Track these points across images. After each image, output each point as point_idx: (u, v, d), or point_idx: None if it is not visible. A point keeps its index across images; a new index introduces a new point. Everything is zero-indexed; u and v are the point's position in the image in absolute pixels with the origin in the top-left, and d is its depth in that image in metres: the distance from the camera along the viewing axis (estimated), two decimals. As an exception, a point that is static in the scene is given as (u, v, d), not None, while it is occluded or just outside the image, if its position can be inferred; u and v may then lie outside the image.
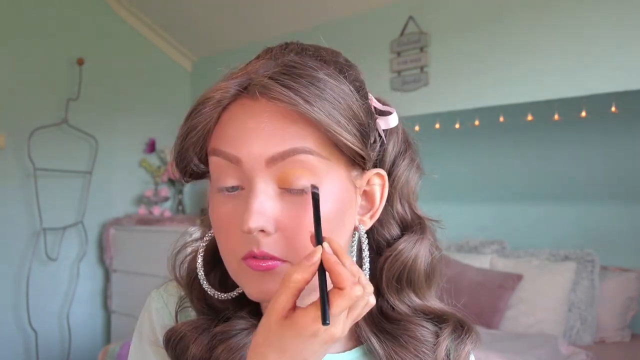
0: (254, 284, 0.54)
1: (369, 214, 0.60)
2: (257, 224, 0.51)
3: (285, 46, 0.59)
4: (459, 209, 3.06)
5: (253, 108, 0.53)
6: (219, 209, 0.55)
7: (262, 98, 0.52)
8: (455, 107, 2.61)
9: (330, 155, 0.53)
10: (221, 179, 0.54)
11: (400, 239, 0.62)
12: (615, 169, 2.75)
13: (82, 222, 3.27)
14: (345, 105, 0.52)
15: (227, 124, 0.54)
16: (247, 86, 0.53)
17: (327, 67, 0.54)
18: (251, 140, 0.52)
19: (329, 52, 0.59)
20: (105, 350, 2.55)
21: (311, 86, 0.51)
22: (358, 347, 0.64)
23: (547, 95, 2.35)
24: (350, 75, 0.57)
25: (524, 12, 2.40)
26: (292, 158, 0.51)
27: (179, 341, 0.58)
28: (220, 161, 0.54)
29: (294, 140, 0.51)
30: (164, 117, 3.70)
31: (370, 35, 2.84)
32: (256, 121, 0.52)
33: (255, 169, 0.52)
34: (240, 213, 0.52)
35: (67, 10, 3.28)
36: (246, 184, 0.53)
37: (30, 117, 3.06)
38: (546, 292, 2.59)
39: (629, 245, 2.75)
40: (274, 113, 0.52)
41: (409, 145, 0.63)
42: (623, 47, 2.16)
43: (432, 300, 0.64)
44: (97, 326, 3.43)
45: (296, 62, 0.53)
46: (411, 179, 0.62)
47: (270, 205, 0.52)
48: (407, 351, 0.60)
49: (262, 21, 3.21)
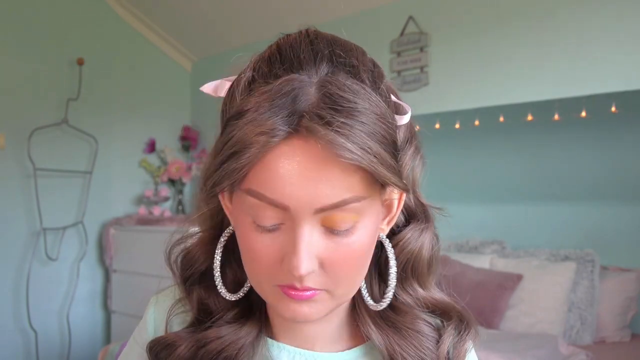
0: (289, 308, 0.54)
1: (387, 220, 0.59)
2: (307, 269, 0.50)
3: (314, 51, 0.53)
4: (459, 209, 3.06)
5: (302, 149, 0.49)
6: (256, 241, 0.53)
7: (313, 140, 0.48)
8: (455, 107, 2.61)
9: (372, 192, 0.52)
10: (259, 218, 0.52)
11: (406, 228, 0.62)
12: (615, 168, 2.75)
13: (82, 222, 3.27)
14: (386, 134, 0.50)
15: (270, 168, 0.49)
16: (297, 126, 0.49)
17: (365, 86, 0.51)
18: (300, 188, 0.49)
19: (358, 57, 0.55)
20: (105, 350, 2.55)
21: (359, 124, 0.48)
22: (360, 345, 0.64)
23: (547, 95, 2.35)
24: (381, 84, 0.55)
25: (524, 12, 2.40)
26: (341, 208, 0.50)
27: (164, 348, 0.59)
28: (262, 204, 0.51)
29: (343, 190, 0.49)
30: (164, 117, 3.70)
31: (370, 35, 2.84)
32: (304, 166, 0.49)
33: (302, 215, 0.50)
34: (282, 247, 0.51)
35: (67, 10, 3.28)
36: (288, 222, 0.51)
37: (30, 117, 3.06)
38: (546, 292, 2.59)
39: (629, 245, 2.75)
40: (325, 157, 0.49)
41: (414, 134, 0.62)
42: (623, 47, 2.16)
43: (434, 291, 0.64)
44: (97, 326, 3.43)
45: (339, 91, 0.49)
46: (416, 167, 0.61)
47: (315, 245, 0.51)
48: (409, 344, 0.60)
49: (262, 21, 3.21)
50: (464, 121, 2.81)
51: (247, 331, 0.61)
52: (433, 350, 0.61)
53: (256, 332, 0.61)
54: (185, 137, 3.75)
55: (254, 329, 0.61)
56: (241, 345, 0.60)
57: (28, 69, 3.10)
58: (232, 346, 0.59)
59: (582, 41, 2.25)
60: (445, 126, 2.83)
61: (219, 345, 0.59)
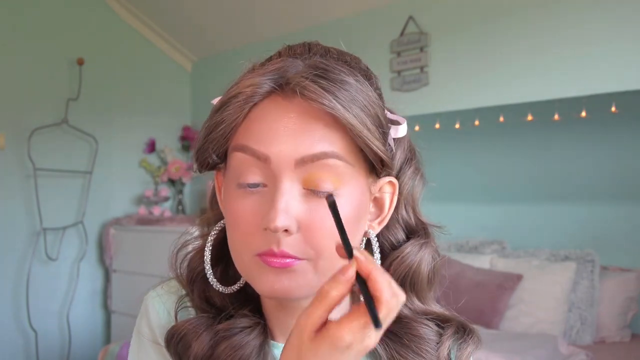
0: (268, 280, 0.54)
1: (378, 220, 0.61)
2: (283, 223, 0.51)
3: (309, 47, 0.59)
4: (459, 208, 3.06)
5: (286, 107, 0.53)
6: (237, 204, 0.55)
7: (297, 98, 0.52)
8: (455, 107, 2.61)
9: (354, 162, 0.54)
10: (244, 174, 0.54)
11: (406, 243, 0.63)
12: (615, 169, 2.75)
13: (82, 222, 3.27)
14: (373, 112, 0.53)
15: (256, 121, 0.54)
16: (282, 84, 0.53)
17: (355, 73, 0.55)
18: (282, 140, 0.52)
19: (352, 58, 0.60)
20: (105, 350, 2.55)
21: (345, 91, 0.51)
22: None
23: (547, 95, 2.35)
24: (374, 82, 0.58)
25: (524, 12, 2.40)
26: (320, 161, 0.52)
27: (181, 339, 0.59)
28: (246, 157, 0.54)
29: (324, 143, 0.52)
30: (163, 117, 3.70)
31: (370, 35, 2.84)
32: (288, 120, 0.52)
33: (282, 168, 0.52)
34: (262, 210, 0.52)
35: (67, 10, 3.28)
36: (270, 182, 0.53)
37: (30, 117, 3.06)
38: (546, 292, 2.59)
39: (629, 245, 2.75)
40: (307, 114, 0.52)
41: (414, 154, 0.64)
42: (623, 47, 2.16)
43: (433, 305, 0.65)
44: (97, 326, 3.43)
45: (328, 66, 0.53)
46: (416, 186, 0.63)
47: (294, 206, 0.52)
48: (410, 350, 0.60)
49: (262, 21, 3.21)
50: (464, 121, 2.81)
51: (258, 332, 0.60)
52: (433, 354, 0.61)
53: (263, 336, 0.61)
54: (185, 137, 3.76)
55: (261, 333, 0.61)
56: (252, 348, 0.59)
57: (28, 69, 3.10)
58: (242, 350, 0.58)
59: (582, 41, 2.25)
60: (445, 126, 2.83)
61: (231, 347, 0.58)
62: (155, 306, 0.65)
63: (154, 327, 0.63)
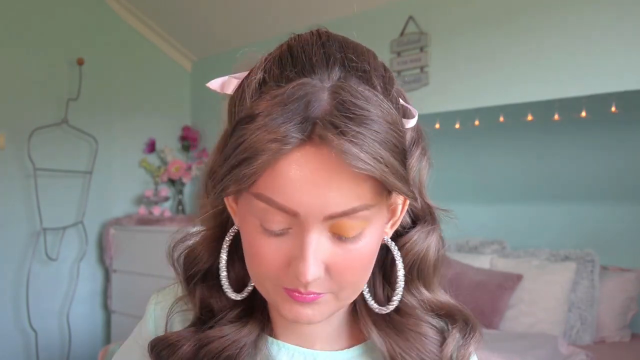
0: (292, 310, 0.54)
1: (390, 223, 0.59)
2: (313, 276, 0.50)
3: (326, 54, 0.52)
4: (459, 209, 3.03)
5: (313, 157, 0.48)
6: (262, 247, 0.53)
7: (326, 149, 0.48)
8: (455, 107, 2.61)
9: (381, 199, 0.52)
10: (269, 222, 0.51)
11: (413, 229, 0.62)
12: (615, 169, 2.75)
13: (82, 222, 3.27)
14: (396, 142, 0.50)
15: (281, 173, 0.49)
16: (310, 134, 0.48)
17: (377, 93, 0.51)
18: (310, 196, 0.49)
19: (370, 61, 0.54)
20: (105, 350, 2.55)
21: (371, 133, 0.48)
22: (361, 343, 0.64)
23: (547, 95, 2.35)
24: (392, 90, 0.55)
25: (524, 12, 2.40)
26: (350, 216, 0.50)
27: (166, 347, 0.59)
28: (272, 209, 0.51)
29: (353, 198, 0.49)
30: (163, 117, 3.70)
31: (370, 35, 2.83)
32: (317, 175, 0.49)
33: (311, 222, 0.50)
34: (288, 251, 0.51)
35: (67, 10, 3.28)
36: (296, 228, 0.51)
37: (30, 117, 3.06)
38: (546, 292, 2.59)
39: (629, 245, 2.75)
40: (335, 165, 0.48)
41: (421, 135, 0.62)
42: (623, 47, 2.16)
43: (439, 293, 0.64)
44: (97, 326, 3.43)
45: (352, 97, 0.49)
46: (423, 168, 0.61)
47: (322, 251, 0.51)
48: (411, 346, 0.60)
49: (262, 21, 3.21)
50: (464, 121, 2.81)
51: (249, 330, 0.60)
52: (436, 353, 0.60)
53: (258, 331, 0.61)
54: (185, 137, 3.75)
55: (256, 328, 0.61)
56: (243, 344, 0.59)
57: (28, 69, 3.10)
58: (234, 345, 0.59)
59: (582, 41, 2.25)
60: (445, 126, 2.83)
61: (220, 345, 0.59)
62: (155, 311, 0.66)
63: (149, 332, 0.65)
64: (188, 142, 3.74)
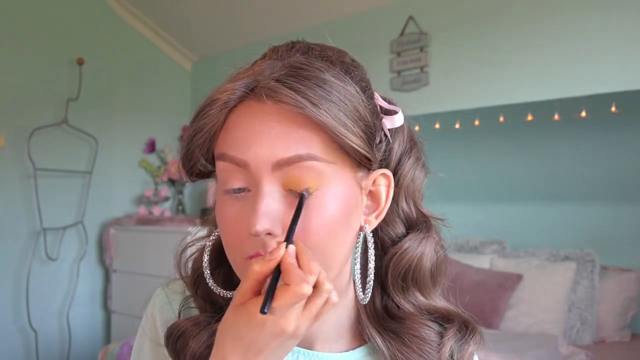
0: None
1: (375, 213, 0.60)
2: (264, 226, 0.51)
3: (292, 45, 0.58)
4: (459, 209, 3.06)
5: (260, 110, 0.52)
6: (225, 210, 0.55)
7: (269, 100, 0.52)
8: (455, 107, 2.61)
9: (336, 159, 0.53)
10: (228, 181, 0.54)
11: (405, 238, 0.62)
12: (615, 169, 2.75)
13: (82, 222, 3.27)
14: (351, 107, 0.52)
15: (233, 127, 0.54)
16: (254, 88, 0.53)
17: (334, 68, 0.54)
18: (258, 144, 0.52)
19: (335, 52, 0.58)
20: (105, 350, 2.55)
21: (318, 88, 0.51)
22: (362, 346, 0.64)
23: (547, 95, 2.35)
24: (356, 75, 0.57)
25: (524, 12, 2.40)
26: (297, 164, 0.52)
27: (180, 337, 0.59)
28: (227, 165, 0.54)
29: (299, 145, 0.51)
30: (164, 117, 3.70)
31: (370, 35, 2.84)
32: (263, 124, 0.52)
33: (261, 172, 0.52)
34: (247, 214, 0.52)
35: (67, 10, 3.28)
36: (253, 186, 0.53)
37: (30, 117, 3.06)
38: (546, 292, 2.59)
39: (629, 245, 2.75)
40: (281, 116, 0.51)
41: (414, 143, 0.63)
42: (623, 47, 2.16)
43: (437, 299, 0.64)
44: (97, 326, 3.43)
45: (302, 63, 0.52)
46: (417, 177, 0.62)
47: (276, 208, 0.52)
48: (411, 350, 0.60)
49: (262, 21, 3.21)
50: (464, 121, 2.81)
51: None
52: (435, 355, 0.60)
53: None
54: (185, 137, 3.75)
55: None
56: None
57: (28, 69, 3.10)
58: None
59: (582, 41, 2.25)
60: (445, 126, 2.83)
61: None
62: (161, 303, 0.65)
63: (157, 325, 0.64)
64: (188, 142, 3.74)
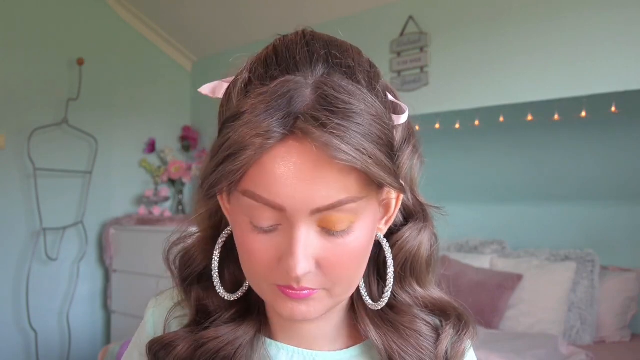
0: (287, 307, 0.54)
1: (385, 219, 0.59)
2: (303, 270, 0.50)
3: (309, 51, 0.53)
4: (459, 209, 3.06)
5: (298, 151, 0.49)
6: (253, 241, 0.53)
7: (307, 141, 0.48)
8: (455, 107, 2.61)
9: (368, 193, 0.52)
10: (257, 219, 0.52)
11: (405, 227, 0.62)
12: (615, 169, 2.75)
13: (82, 222, 3.27)
14: (382, 135, 0.50)
15: (267, 169, 0.49)
16: (290, 126, 0.49)
17: (361, 88, 0.51)
18: (296, 189, 0.49)
19: (354, 58, 0.55)
20: (105, 350, 2.55)
21: (354, 125, 0.48)
22: (358, 344, 0.64)
23: (547, 95, 2.35)
24: (377, 86, 0.55)
25: (524, 12, 2.40)
26: (337, 209, 0.50)
27: (163, 346, 0.60)
28: (258, 205, 0.51)
29: (339, 191, 0.50)
30: (164, 117, 3.70)
31: (370, 35, 2.84)
32: (302, 169, 0.49)
33: (298, 216, 0.50)
34: (279, 247, 0.52)
35: (67, 10, 3.28)
36: (285, 223, 0.52)
37: (30, 117, 3.06)
38: (546, 292, 2.59)
39: (629, 245, 2.75)
40: (320, 158, 0.49)
41: (412, 133, 0.62)
42: (623, 47, 2.16)
43: (433, 289, 0.64)
44: (97, 326, 3.43)
45: (334, 91, 0.49)
46: (414, 166, 0.61)
47: (311, 245, 0.51)
48: (408, 344, 0.60)
49: (262, 21, 3.21)
50: (464, 121, 2.81)
51: (245, 330, 0.61)
52: (431, 350, 0.61)
53: (254, 331, 0.61)
54: (185, 137, 3.75)
55: (252, 328, 0.61)
56: (239, 345, 0.60)
57: (28, 69, 3.10)
58: (230, 345, 0.59)
59: (582, 41, 2.25)
60: (445, 126, 2.82)
61: (217, 345, 0.59)
62: (154, 316, 0.66)
63: (148, 337, 0.65)
64: (188, 142, 3.75)
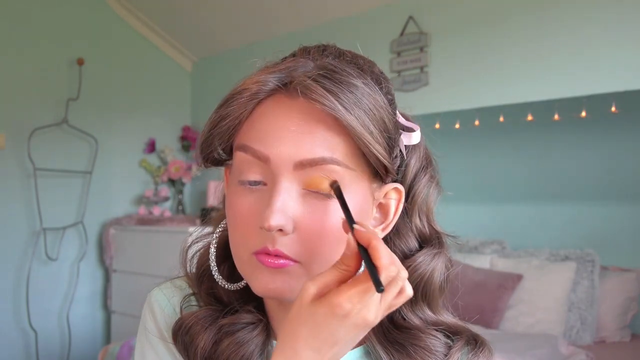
0: (262, 279, 0.54)
1: (382, 226, 0.60)
2: (277, 222, 0.51)
3: (323, 48, 0.58)
4: (459, 209, 3.06)
5: (289, 107, 0.52)
6: (238, 201, 0.55)
7: (301, 98, 0.51)
8: (455, 107, 2.61)
9: (356, 166, 0.53)
10: (244, 172, 0.54)
11: (419, 252, 0.62)
12: (615, 169, 2.75)
13: (82, 222, 3.27)
14: (378, 116, 0.53)
15: (259, 120, 0.54)
16: (287, 83, 0.53)
17: (365, 76, 0.54)
18: (282, 141, 0.52)
19: (365, 61, 0.59)
20: (105, 350, 2.55)
21: (350, 93, 0.51)
22: (359, 347, 0.64)
23: (547, 95, 2.35)
24: (385, 87, 0.58)
25: (524, 13, 2.40)
26: (320, 166, 0.52)
27: (187, 331, 0.59)
28: (247, 157, 0.54)
29: (324, 148, 0.51)
30: (164, 117, 3.70)
31: (370, 35, 2.84)
32: (290, 121, 0.52)
33: (282, 169, 0.52)
34: (260, 208, 0.53)
35: (67, 10, 3.28)
36: (269, 181, 0.53)
37: (30, 117, 3.06)
38: (546, 292, 2.59)
39: (629, 245, 2.75)
40: (310, 115, 0.52)
41: (430, 162, 0.64)
42: (623, 47, 2.16)
43: (445, 314, 0.64)
44: (97, 326, 3.43)
45: (336, 67, 0.53)
46: (430, 195, 0.63)
47: (291, 205, 0.52)
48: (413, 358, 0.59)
49: (262, 21, 3.21)
50: (464, 121, 2.81)
51: (259, 332, 0.60)
52: None
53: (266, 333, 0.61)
54: (185, 137, 3.75)
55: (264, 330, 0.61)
56: (254, 346, 0.59)
57: (28, 69, 3.10)
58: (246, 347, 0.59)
59: (582, 41, 2.25)
60: (445, 126, 2.83)
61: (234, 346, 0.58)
62: (160, 302, 0.65)
63: (159, 323, 0.64)
64: (188, 142, 3.75)
